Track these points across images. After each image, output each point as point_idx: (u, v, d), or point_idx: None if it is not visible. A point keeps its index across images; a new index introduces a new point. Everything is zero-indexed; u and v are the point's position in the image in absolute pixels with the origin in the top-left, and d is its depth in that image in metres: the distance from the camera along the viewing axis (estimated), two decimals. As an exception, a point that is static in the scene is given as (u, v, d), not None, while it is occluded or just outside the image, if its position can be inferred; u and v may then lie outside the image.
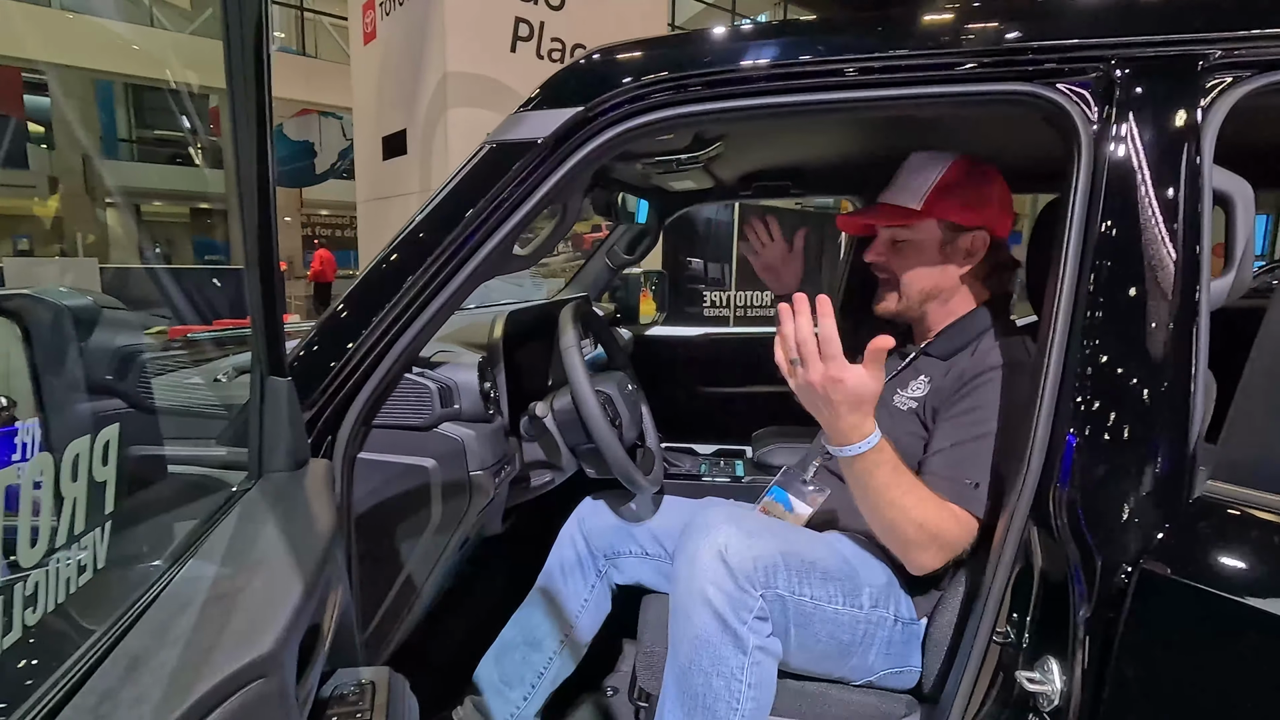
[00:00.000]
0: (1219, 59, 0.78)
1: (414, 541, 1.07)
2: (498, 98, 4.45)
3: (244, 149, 0.61)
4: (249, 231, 0.65)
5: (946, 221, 1.10)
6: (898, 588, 1.05)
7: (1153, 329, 0.77)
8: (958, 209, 1.09)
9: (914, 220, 1.10)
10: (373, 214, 5.34)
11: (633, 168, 1.56)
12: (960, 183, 1.09)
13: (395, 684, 0.68)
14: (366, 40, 5.13)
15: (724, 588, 0.93)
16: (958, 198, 1.09)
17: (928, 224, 1.10)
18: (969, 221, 1.10)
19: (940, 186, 1.09)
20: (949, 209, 1.09)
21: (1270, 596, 0.63)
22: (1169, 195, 0.78)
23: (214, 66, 0.61)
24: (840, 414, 0.89)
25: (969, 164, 1.11)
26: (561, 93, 0.94)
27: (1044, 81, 0.84)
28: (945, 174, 1.09)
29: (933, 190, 1.09)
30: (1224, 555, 0.69)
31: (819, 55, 0.88)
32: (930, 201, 1.09)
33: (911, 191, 1.11)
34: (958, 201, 1.09)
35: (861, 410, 0.90)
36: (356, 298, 0.98)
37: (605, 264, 2.04)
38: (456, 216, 0.96)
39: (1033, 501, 0.81)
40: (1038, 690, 0.77)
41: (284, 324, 0.73)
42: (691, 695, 0.95)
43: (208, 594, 0.51)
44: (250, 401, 0.71)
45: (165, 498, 0.76)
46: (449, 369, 1.07)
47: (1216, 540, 0.70)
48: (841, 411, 0.89)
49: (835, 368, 0.87)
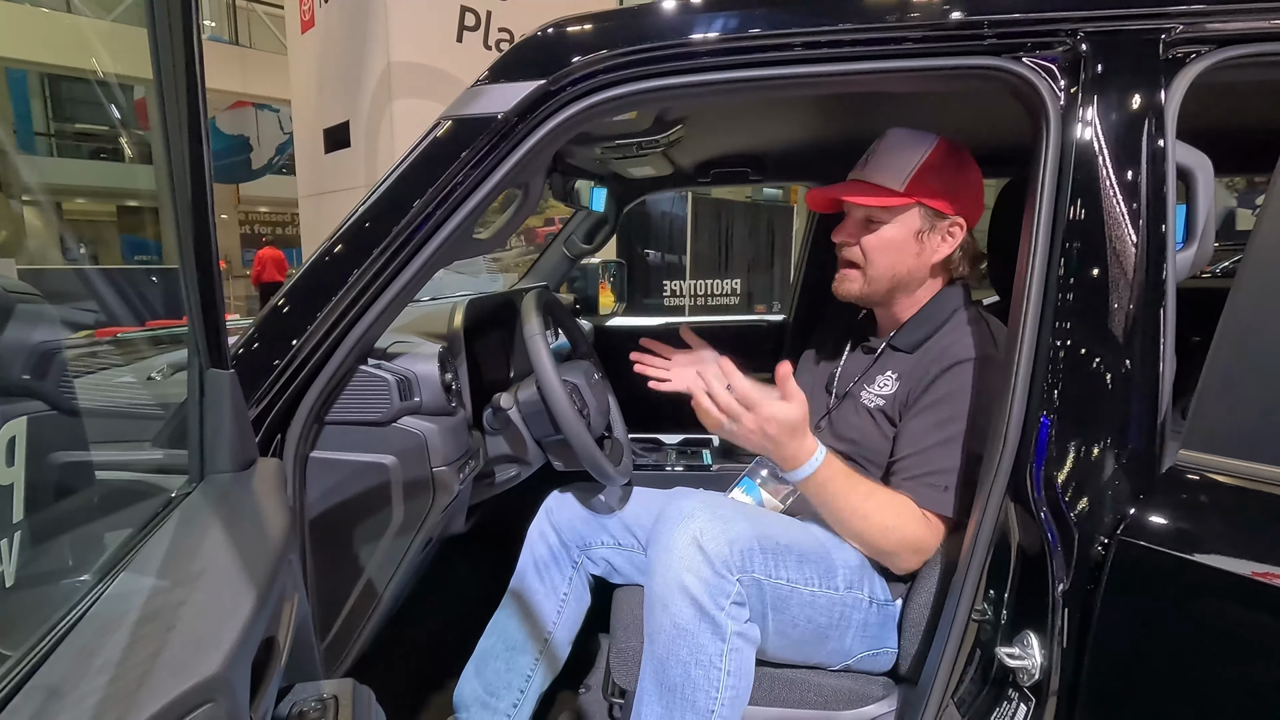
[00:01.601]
0: (1180, 34, 0.79)
1: (374, 544, 1.02)
2: (445, 88, 4.34)
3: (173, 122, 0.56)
4: (182, 212, 0.59)
5: (927, 207, 1.04)
6: (870, 569, 1.05)
7: (1121, 305, 0.78)
8: (940, 195, 1.04)
9: (895, 202, 1.04)
10: (316, 210, 5.15)
11: (591, 153, 1.52)
12: (943, 167, 1.04)
13: (360, 696, 0.63)
14: (304, 28, 4.93)
15: (701, 574, 0.92)
16: (941, 182, 1.04)
17: (908, 206, 1.04)
18: (950, 208, 1.05)
19: (924, 168, 1.03)
20: (932, 194, 1.03)
21: (1242, 559, 0.64)
22: (1135, 170, 0.79)
23: (140, 55, 0.56)
24: (783, 443, 0.95)
25: (950, 147, 1.06)
26: (522, 65, 0.89)
27: (1011, 56, 0.83)
28: (930, 155, 1.03)
29: (916, 171, 1.03)
30: (1197, 522, 0.70)
31: (792, 27, 0.86)
32: (914, 184, 1.03)
33: (895, 171, 1.04)
34: (940, 186, 1.04)
35: (798, 434, 0.95)
36: (301, 290, 0.92)
37: (563, 253, 2.00)
38: (412, 197, 0.90)
39: (1010, 479, 0.81)
40: (1017, 665, 0.77)
41: (225, 319, 0.67)
42: (670, 687, 0.93)
43: (141, 612, 0.46)
44: (189, 397, 0.65)
45: (92, 506, 0.69)
46: (407, 360, 1.02)
47: (1189, 508, 0.71)
48: (783, 441, 0.95)
49: (763, 410, 0.93)
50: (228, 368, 0.66)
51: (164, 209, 0.60)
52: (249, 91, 10.64)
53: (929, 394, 1.01)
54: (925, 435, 1.00)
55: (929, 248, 1.07)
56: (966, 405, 0.98)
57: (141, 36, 0.54)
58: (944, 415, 0.99)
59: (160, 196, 0.58)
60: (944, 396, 1.00)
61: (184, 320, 0.64)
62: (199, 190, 0.59)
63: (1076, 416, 0.78)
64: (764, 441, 0.95)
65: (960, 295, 1.10)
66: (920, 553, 0.99)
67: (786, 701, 1.03)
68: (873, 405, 1.09)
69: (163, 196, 0.61)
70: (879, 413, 1.08)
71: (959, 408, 0.98)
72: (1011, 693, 0.79)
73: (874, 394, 1.09)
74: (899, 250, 1.07)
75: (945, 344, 1.04)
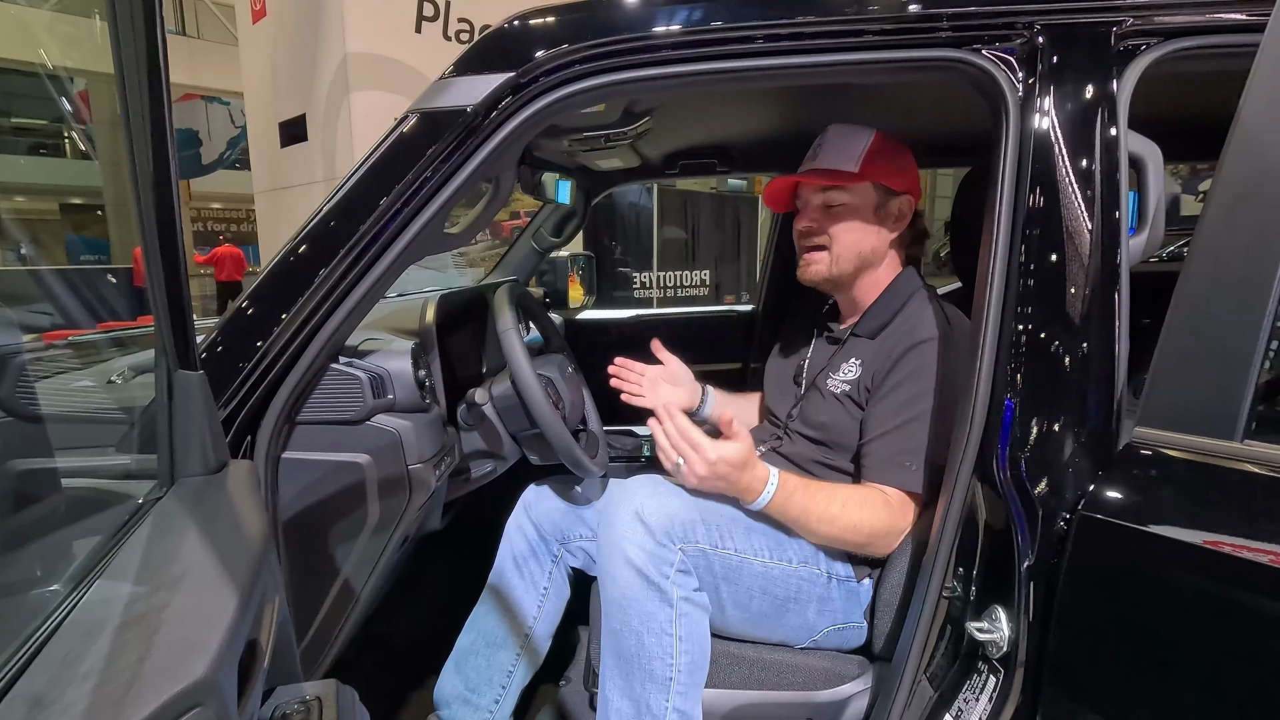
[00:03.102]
0: (1131, 26, 0.82)
1: (350, 544, 1.00)
2: (404, 80, 4.27)
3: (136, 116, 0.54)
4: (146, 210, 0.57)
5: (880, 185, 1.13)
6: (825, 545, 1.07)
7: (1079, 290, 0.81)
8: (890, 173, 1.13)
9: (852, 182, 1.12)
10: (273, 205, 5.02)
11: (559, 145, 1.51)
12: (885, 149, 1.13)
13: (344, 697, 0.62)
14: (256, 18, 4.79)
15: (644, 545, 0.95)
16: (888, 162, 1.13)
17: (864, 186, 1.13)
18: (899, 186, 1.14)
19: (872, 150, 1.12)
20: (883, 172, 1.12)
21: (1194, 529, 0.67)
22: (1091, 159, 0.81)
23: (80, 46, 0.54)
24: (736, 479, 0.98)
25: (887, 135, 1.15)
26: (490, 57, 0.89)
27: (971, 48, 0.86)
28: (874, 140, 1.13)
29: (866, 153, 1.12)
30: (1152, 496, 0.74)
31: (757, 20, 0.87)
32: (866, 164, 1.11)
33: (847, 155, 1.13)
34: (889, 166, 1.13)
35: (749, 466, 0.98)
36: (267, 290, 0.90)
37: (532, 247, 1.99)
38: (379, 194, 0.89)
39: (976, 461, 0.84)
40: (986, 639, 0.80)
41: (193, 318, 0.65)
42: (627, 658, 0.96)
43: (122, 618, 0.45)
44: (157, 400, 0.63)
45: (57, 514, 0.67)
46: (379, 357, 1.00)
47: (1145, 483, 0.75)
48: (735, 477, 0.98)
49: (709, 451, 0.96)
50: (197, 368, 0.64)
51: (111, 206, 0.59)
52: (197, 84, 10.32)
53: (893, 375, 1.05)
54: (892, 416, 1.03)
55: (886, 223, 1.15)
56: (931, 383, 1.02)
57: (84, 27, 0.52)
58: (909, 395, 1.03)
59: (107, 193, 0.55)
60: (907, 377, 1.04)
61: (139, 322, 0.63)
62: (163, 186, 0.57)
63: (1038, 398, 0.81)
64: (720, 481, 0.98)
65: (915, 279, 1.16)
66: (893, 534, 1.02)
67: (766, 684, 1.05)
68: (839, 391, 1.12)
69: (109, 194, 0.59)
70: (845, 398, 1.11)
71: (924, 385, 1.02)
72: (981, 665, 0.82)
73: (839, 380, 1.13)
74: (861, 227, 1.14)
75: (906, 328, 1.08)
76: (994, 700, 0.79)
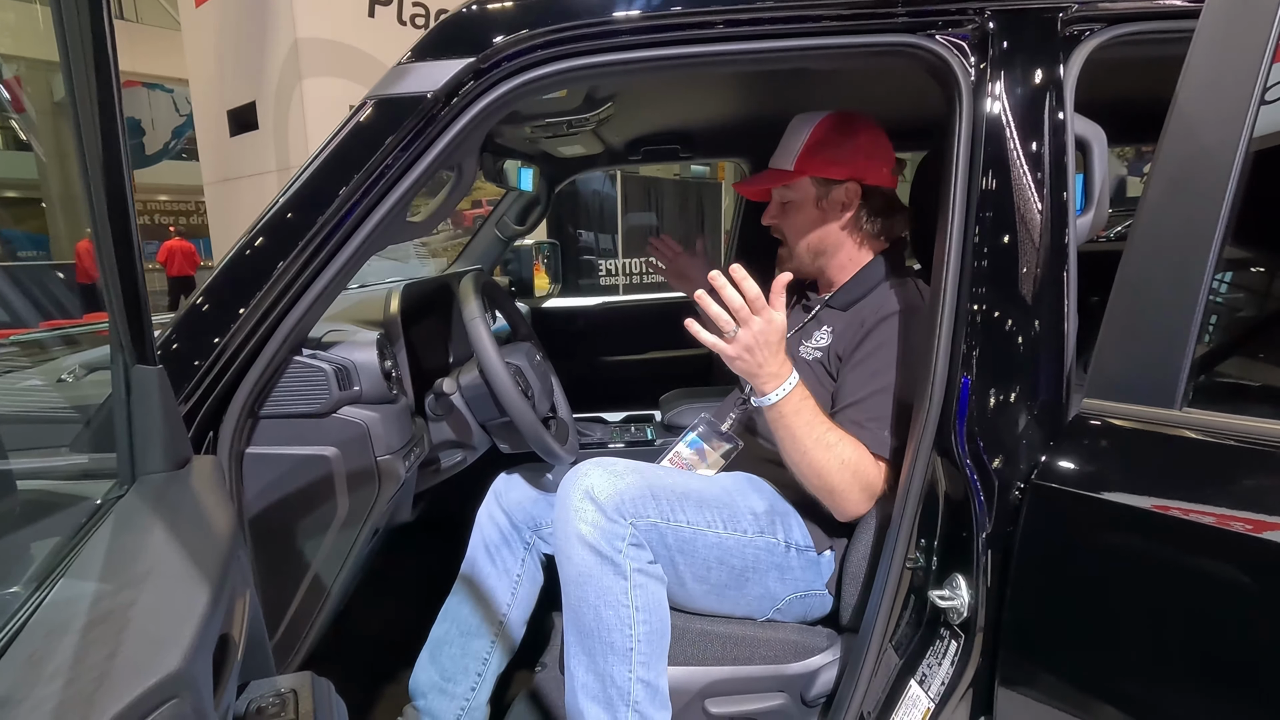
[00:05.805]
0: (1076, 12, 0.85)
1: (319, 538, 0.99)
2: (358, 66, 4.16)
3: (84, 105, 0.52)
4: (98, 199, 0.56)
5: (817, 178, 1.16)
6: (783, 515, 1.10)
7: (1030, 269, 0.84)
8: (825, 164, 1.15)
9: (790, 180, 1.17)
10: (224, 197, 4.86)
11: (521, 132, 1.50)
12: (826, 139, 1.16)
13: (319, 689, 0.62)
14: (199, 2, 4.61)
15: (594, 522, 0.97)
16: (824, 155, 1.15)
17: (802, 182, 1.17)
18: (838, 175, 1.16)
19: (809, 146, 1.16)
20: (818, 165, 1.15)
21: (1142, 495, 0.70)
22: (1039, 142, 0.84)
23: (9, 31, 0.52)
24: (769, 359, 0.97)
25: (836, 119, 1.17)
26: (450, 42, 0.87)
27: (925, 33, 0.87)
28: (812, 133, 1.16)
29: (802, 150, 1.16)
30: (1100, 464, 0.77)
31: (715, 5, 0.87)
32: (801, 161, 1.16)
33: (788, 154, 1.18)
34: (825, 158, 1.15)
35: (781, 352, 0.98)
36: (223, 285, 0.89)
37: (495, 235, 1.97)
38: (339, 183, 0.88)
39: (936, 436, 0.87)
40: (948, 606, 0.83)
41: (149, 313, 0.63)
42: (587, 633, 0.98)
43: (89, 616, 0.44)
44: (114, 396, 0.62)
45: (13, 517, 0.65)
46: (344, 348, 0.99)
47: (1093, 452, 0.78)
48: (775, 350, 0.97)
49: (769, 314, 0.95)
50: (154, 363, 0.63)
51: (53, 199, 0.57)
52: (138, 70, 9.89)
53: (864, 346, 1.08)
54: (864, 384, 1.06)
55: (832, 212, 1.18)
56: (902, 355, 1.05)
57: (15, 9, 0.50)
58: (879, 364, 1.06)
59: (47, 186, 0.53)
60: (878, 347, 1.07)
61: (86, 319, 0.61)
62: (115, 173, 0.55)
63: (993, 373, 0.84)
64: (757, 355, 0.96)
65: (892, 263, 1.19)
66: (868, 491, 1.02)
67: (738, 659, 1.07)
68: (811, 358, 1.16)
69: (51, 186, 0.57)
70: (817, 364, 1.15)
71: (894, 356, 1.05)
72: (943, 632, 0.86)
73: (812, 347, 1.17)
74: (804, 221, 1.19)
75: (877, 302, 1.12)
76: (955, 664, 0.82)
